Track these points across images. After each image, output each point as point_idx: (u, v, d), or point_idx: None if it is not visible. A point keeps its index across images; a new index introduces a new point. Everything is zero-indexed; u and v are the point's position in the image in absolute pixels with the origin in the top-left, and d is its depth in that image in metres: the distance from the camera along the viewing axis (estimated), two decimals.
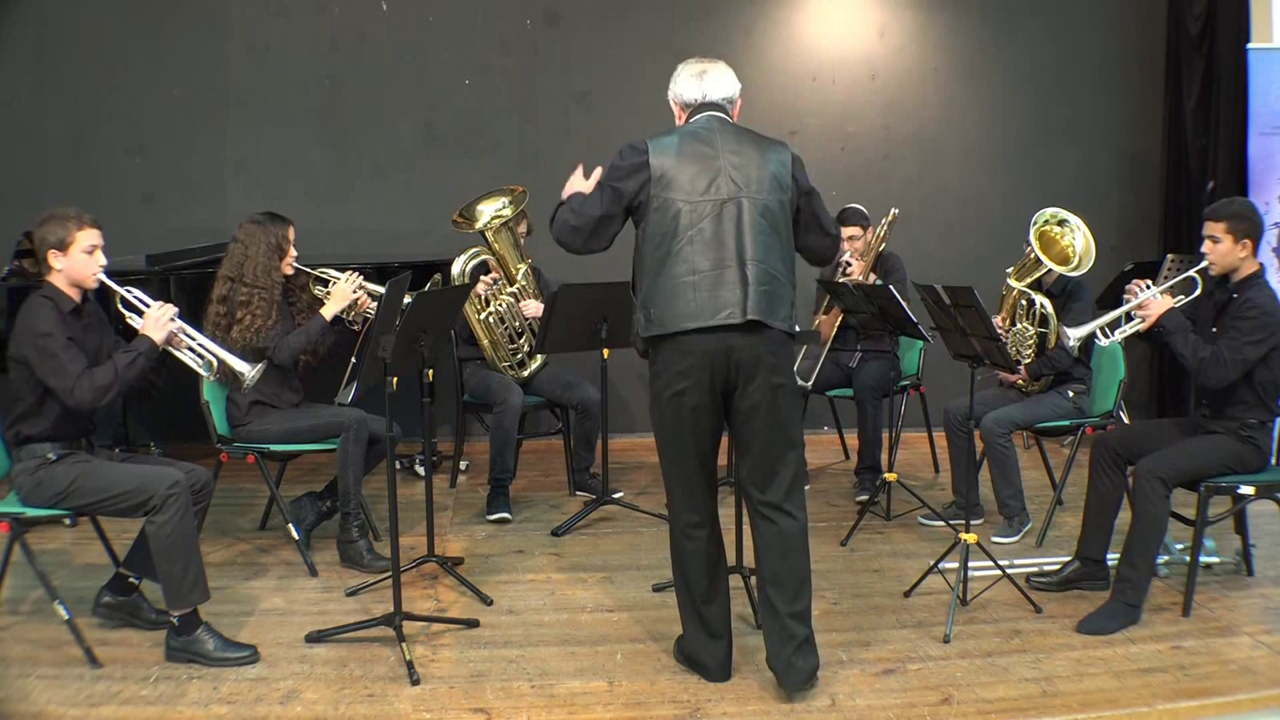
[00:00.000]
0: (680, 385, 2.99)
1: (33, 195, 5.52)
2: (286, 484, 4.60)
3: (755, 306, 2.94)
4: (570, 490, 5.06)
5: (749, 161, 3.03)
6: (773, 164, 3.05)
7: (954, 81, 6.24)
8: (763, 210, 3.00)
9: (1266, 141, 5.35)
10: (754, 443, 3.04)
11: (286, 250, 4.14)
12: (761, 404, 3.00)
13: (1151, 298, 3.65)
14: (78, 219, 3.32)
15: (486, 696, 3.09)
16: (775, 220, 3.03)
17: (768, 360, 2.99)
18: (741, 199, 2.99)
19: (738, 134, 3.09)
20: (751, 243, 2.97)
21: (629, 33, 6.02)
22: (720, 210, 2.98)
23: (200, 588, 3.28)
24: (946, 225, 6.24)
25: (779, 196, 3.04)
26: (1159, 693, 3.09)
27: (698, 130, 3.08)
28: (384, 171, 5.99)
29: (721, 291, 2.94)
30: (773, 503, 3.05)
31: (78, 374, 3.23)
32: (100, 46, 5.75)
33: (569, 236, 3.09)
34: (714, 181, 2.99)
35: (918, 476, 5.33)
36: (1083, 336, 3.83)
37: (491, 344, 4.81)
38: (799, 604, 3.04)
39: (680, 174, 2.99)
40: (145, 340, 3.34)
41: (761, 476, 3.06)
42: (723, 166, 3.00)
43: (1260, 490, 3.65)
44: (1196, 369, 3.56)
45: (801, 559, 3.07)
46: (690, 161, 3.00)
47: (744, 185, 3.00)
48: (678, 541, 3.15)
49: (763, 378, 2.99)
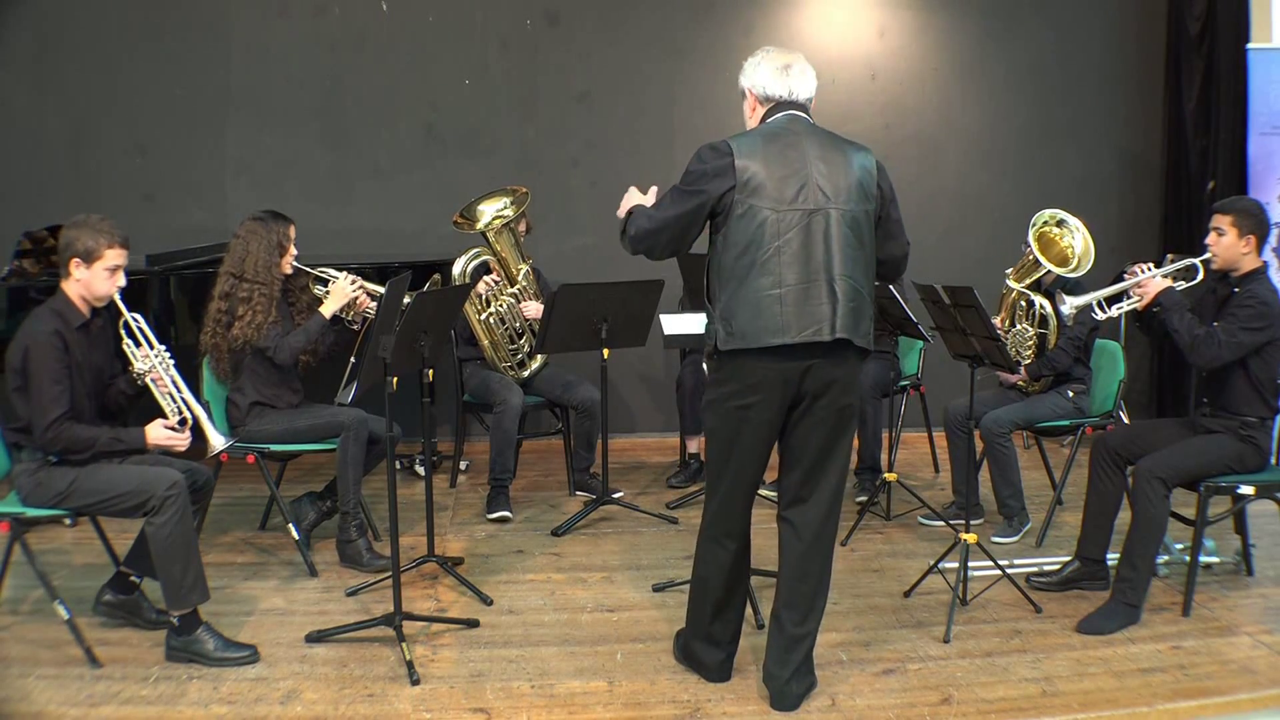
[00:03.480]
0: (750, 399, 2.89)
1: (33, 195, 5.54)
2: (286, 484, 4.60)
3: (843, 324, 2.84)
4: (570, 490, 5.06)
5: (836, 170, 2.88)
6: (858, 171, 2.91)
7: (954, 81, 6.24)
8: (850, 222, 2.87)
9: (1266, 141, 5.35)
10: (805, 459, 2.97)
11: (287, 248, 4.14)
12: (825, 422, 2.93)
13: (1150, 278, 3.66)
14: (110, 235, 3.27)
15: (486, 696, 3.09)
16: (861, 232, 2.90)
17: (842, 381, 2.91)
18: (830, 209, 2.85)
19: (823, 138, 2.94)
20: (840, 257, 2.84)
21: (629, 33, 6.02)
22: (809, 221, 2.84)
23: (200, 588, 3.28)
24: (946, 225, 6.24)
25: (864, 206, 2.91)
26: (1159, 693, 3.09)
27: (782, 132, 2.92)
28: (384, 171, 5.99)
29: (809, 307, 2.82)
30: (807, 519, 2.99)
31: (54, 418, 3.17)
32: (100, 46, 5.75)
33: (648, 241, 2.95)
34: (803, 190, 2.84)
35: (918, 476, 5.33)
36: (1080, 306, 3.83)
37: (492, 344, 4.81)
38: (806, 626, 3.01)
39: (768, 180, 2.83)
40: (138, 438, 3.28)
41: (804, 492, 3.00)
42: (811, 174, 2.85)
43: (1260, 490, 3.65)
44: (1190, 345, 3.56)
45: (818, 582, 3.02)
46: (777, 166, 2.85)
47: (832, 195, 2.85)
48: (706, 546, 3.09)
49: (833, 396, 2.91)
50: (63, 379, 3.21)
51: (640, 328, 4.54)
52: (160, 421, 3.33)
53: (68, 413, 3.21)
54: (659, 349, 5.58)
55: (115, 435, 3.28)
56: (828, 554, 3.03)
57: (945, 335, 3.98)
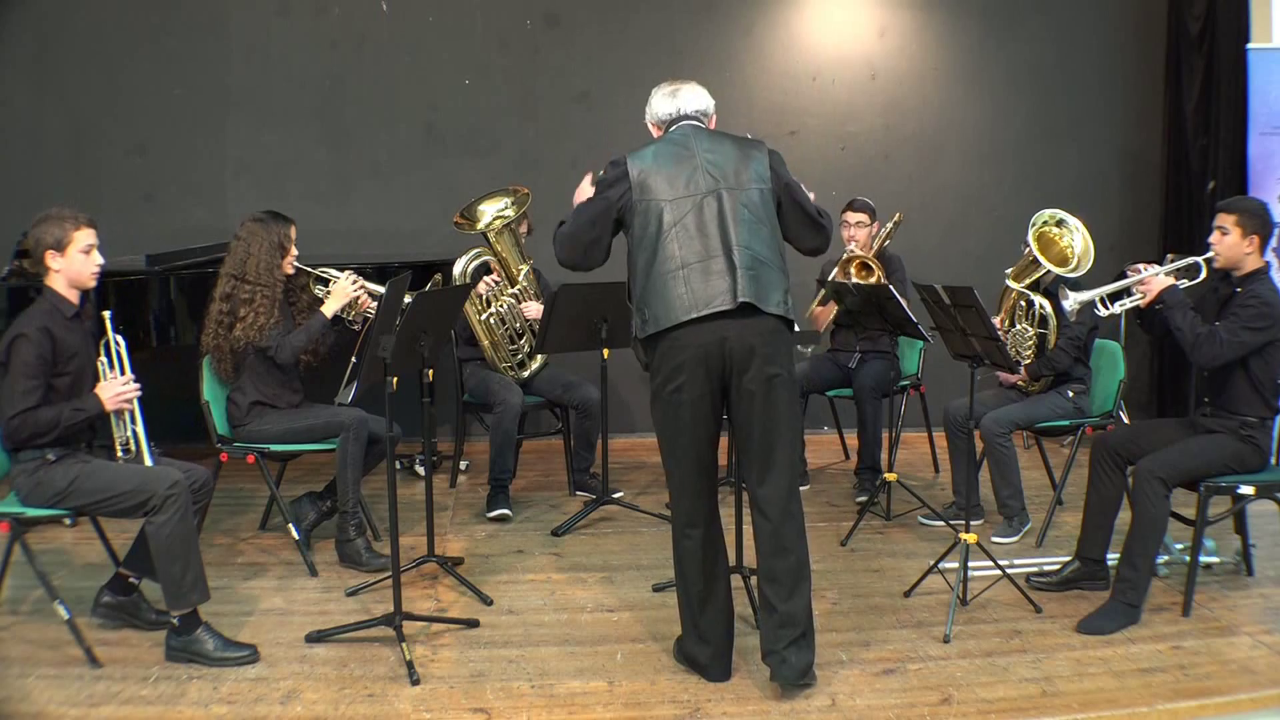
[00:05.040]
0: (677, 380, 3.00)
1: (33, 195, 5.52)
2: (286, 484, 4.60)
3: (745, 289, 2.96)
4: (570, 490, 5.06)
5: (725, 158, 3.08)
6: (751, 159, 3.10)
7: (954, 81, 6.24)
8: (745, 200, 3.05)
9: (1266, 141, 5.35)
10: (750, 435, 3.05)
11: (288, 249, 4.14)
12: (756, 394, 3.00)
13: (1153, 275, 3.67)
14: (74, 218, 3.32)
15: (486, 696, 3.09)
16: (758, 210, 3.06)
17: (761, 350, 2.99)
18: (721, 191, 3.03)
19: (713, 136, 3.15)
20: (735, 230, 3.01)
21: (629, 33, 6.02)
22: (701, 204, 3.03)
23: (200, 588, 3.28)
24: (946, 225, 6.24)
25: (759, 187, 3.08)
26: (1159, 693, 3.09)
27: (673, 137, 3.15)
28: (384, 171, 5.99)
29: (711, 280, 2.97)
30: (768, 496, 3.04)
31: (19, 410, 3.19)
32: (100, 46, 5.75)
33: (565, 248, 3.16)
34: (691, 178, 3.04)
35: (918, 476, 5.33)
36: (1083, 301, 3.82)
37: (492, 345, 4.81)
38: (795, 601, 3.04)
39: (657, 176, 3.05)
40: (95, 403, 3.30)
41: (757, 470, 3.05)
42: (699, 164, 3.06)
43: (1260, 490, 3.65)
44: (1192, 343, 3.56)
45: (797, 555, 3.06)
46: (667, 164, 3.07)
47: (722, 179, 3.05)
48: (677, 540, 3.16)
49: (756, 368, 2.99)
50: (38, 375, 3.23)
51: None
52: (106, 382, 3.33)
53: (34, 407, 3.22)
54: None
55: (75, 407, 3.28)
56: (799, 528, 3.08)
57: (945, 335, 3.98)
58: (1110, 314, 3.80)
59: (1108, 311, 3.80)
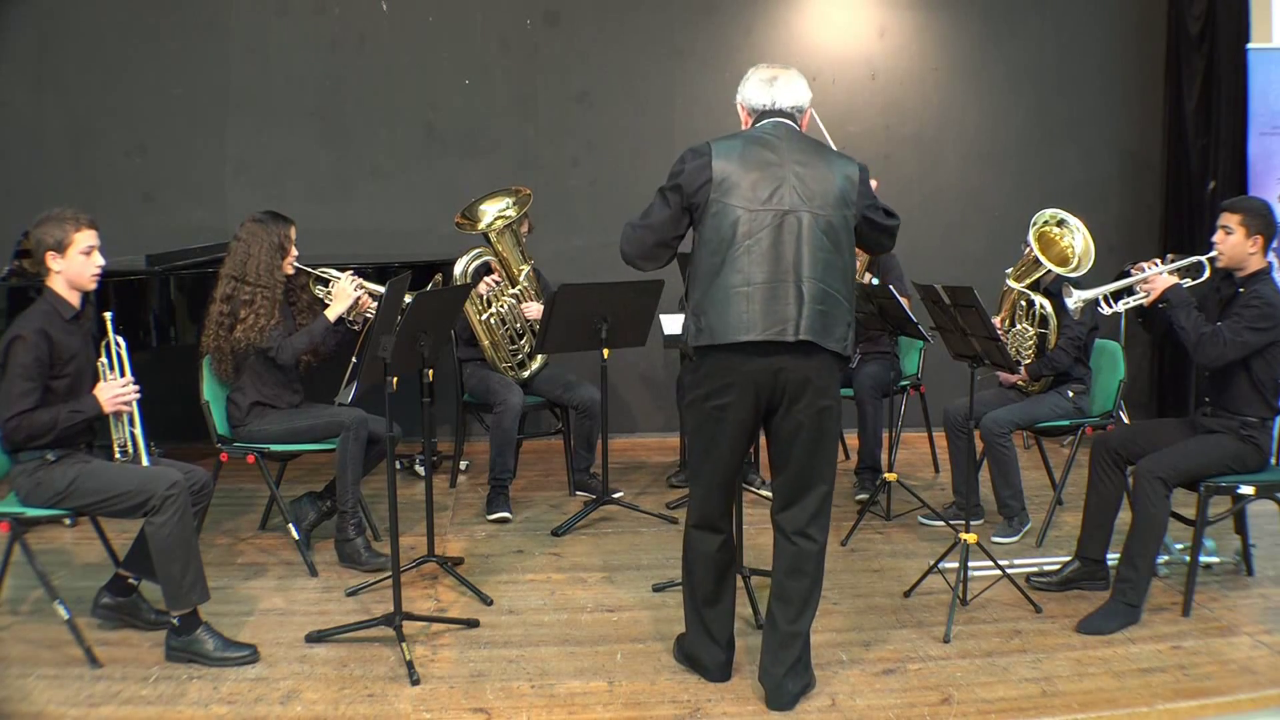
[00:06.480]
0: (724, 399, 2.93)
1: (33, 195, 5.52)
2: (286, 484, 4.60)
3: (809, 327, 2.86)
4: (570, 490, 5.06)
5: (815, 174, 2.92)
6: (839, 179, 2.94)
7: (954, 81, 6.24)
8: (825, 227, 2.90)
9: (1266, 141, 5.35)
10: (790, 464, 3.00)
11: (288, 249, 4.14)
12: (805, 425, 2.95)
13: (1158, 274, 3.67)
14: (75, 219, 3.32)
15: (486, 696, 3.09)
16: (837, 238, 2.92)
17: (816, 383, 2.92)
18: (803, 213, 2.88)
19: (805, 144, 2.98)
20: (810, 259, 2.87)
21: (629, 33, 6.02)
22: (781, 221, 2.87)
23: (200, 588, 3.28)
24: (946, 225, 6.24)
25: (843, 213, 2.93)
26: (1159, 693, 3.09)
27: (763, 136, 2.97)
28: (384, 171, 5.99)
29: (776, 305, 2.86)
30: (797, 525, 3.01)
31: (16, 412, 3.18)
32: (100, 46, 5.75)
33: (633, 244, 3.04)
34: (776, 191, 2.88)
35: (918, 476, 5.33)
36: (1086, 300, 3.82)
37: (492, 345, 4.81)
38: (800, 624, 3.02)
39: (742, 180, 2.89)
40: (94, 404, 3.29)
41: (791, 496, 3.02)
42: (787, 176, 2.90)
43: (1260, 490, 3.65)
44: (1195, 343, 3.56)
45: (811, 580, 3.03)
46: (753, 168, 2.90)
47: (807, 199, 2.89)
48: (691, 539, 3.12)
49: (808, 400, 2.93)
50: (34, 378, 3.22)
51: (640, 328, 4.54)
52: (105, 383, 3.32)
53: (30, 408, 3.21)
54: (659, 349, 5.58)
55: (72, 409, 3.27)
56: (820, 554, 3.05)
57: (945, 335, 3.98)
58: (1113, 312, 3.81)
59: (1110, 310, 3.80)
